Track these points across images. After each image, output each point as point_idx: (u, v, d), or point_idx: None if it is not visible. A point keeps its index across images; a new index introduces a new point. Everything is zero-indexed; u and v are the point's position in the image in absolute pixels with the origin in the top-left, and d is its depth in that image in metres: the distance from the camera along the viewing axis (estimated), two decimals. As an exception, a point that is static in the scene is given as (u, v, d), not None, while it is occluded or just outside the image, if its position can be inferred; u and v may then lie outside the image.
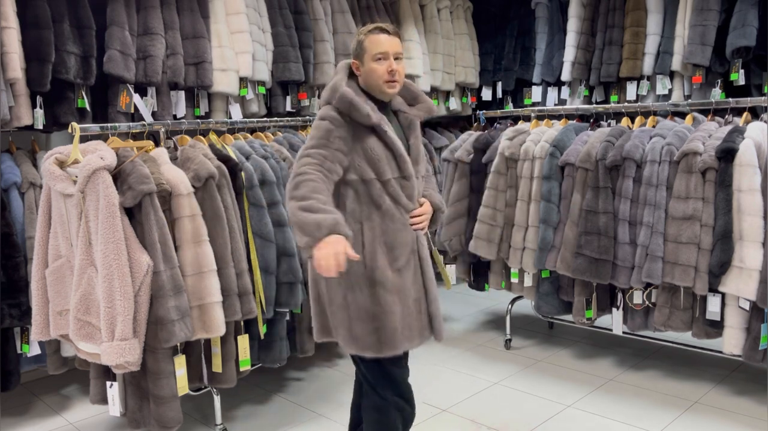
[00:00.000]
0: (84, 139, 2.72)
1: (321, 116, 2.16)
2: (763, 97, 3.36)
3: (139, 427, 2.68)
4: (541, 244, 3.50)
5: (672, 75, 4.39)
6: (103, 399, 2.75)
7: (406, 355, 2.30)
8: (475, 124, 4.51)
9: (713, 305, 3.05)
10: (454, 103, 5.35)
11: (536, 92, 5.15)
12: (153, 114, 3.61)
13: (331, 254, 1.88)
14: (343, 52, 4.45)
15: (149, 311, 2.51)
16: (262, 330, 3.08)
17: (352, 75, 2.27)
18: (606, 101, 4.75)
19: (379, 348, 2.16)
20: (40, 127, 3.26)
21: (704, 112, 3.56)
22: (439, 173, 4.63)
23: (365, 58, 2.19)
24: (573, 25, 4.82)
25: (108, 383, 2.67)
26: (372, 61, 2.18)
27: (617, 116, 3.88)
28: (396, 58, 2.19)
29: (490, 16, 5.51)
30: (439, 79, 5.13)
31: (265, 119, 3.79)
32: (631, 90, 4.54)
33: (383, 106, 2.25)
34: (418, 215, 2.26)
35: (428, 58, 5.05)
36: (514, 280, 3.78)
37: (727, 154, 2.94)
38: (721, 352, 3.15)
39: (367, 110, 2.14)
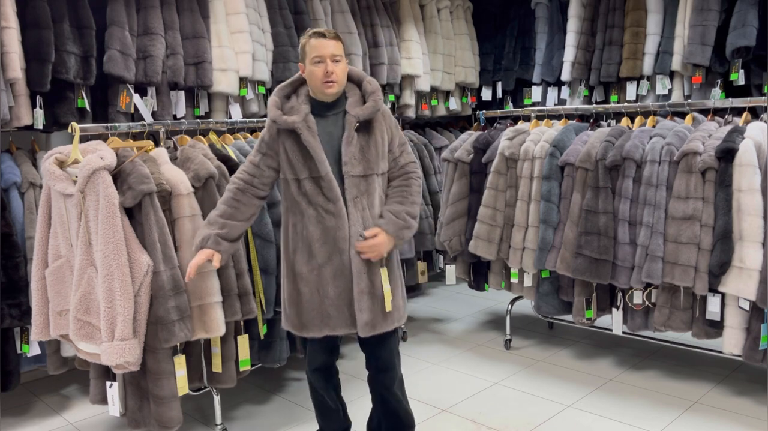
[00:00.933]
0: (84, 139, 2.72)
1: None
2: (763, 98, 3.37)
3: (139, 427, 2.68)
4: (541, 244, 3.50)
5: (672, 75, 4.39)
6: (103, 399, 2.75)
7: (328, 339, 2.51)
8: (475, 124, 4.51)
9: (713, 305, 3.05)
10: (454, 104, 5.35)
11: (536, 92, 5.15)
12: (153, 114, 3.61)
13: (192, 264, 2.38)
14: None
15: (149, 311, 2.51)
16: (262, 330, 3.08)
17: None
18: (606, 101, 4.76)
19: (299, 328, 2.46)
20: (40, 127, 3.26)
21: (704, 112, 3.56)
22: (439, 173, 4.63)
23: (306, 62, 2.37)
24: (573, 25, 4.82)
25: (108, 383, 2.67)
26: (311, 64, 2.34)
27: (617, 116, 3.88)
28: (335, 61, 2.33)
29: (490, 16, 5.51)
30: (439, 79, 5.13)
31: (265, 119, 3.78)
32: (631, 90, 4.54)
33: (330, 106, 2.40)
34: (366, 246, 2.34)
35: (428, 59, 5.06)
36: (514, 280, 3.78)
37: (727, 154, 2.94)
38: (721, 352, 3.15)
39: (277, 114, 2.37)
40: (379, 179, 2.42)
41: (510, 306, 4.11)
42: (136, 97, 3.45)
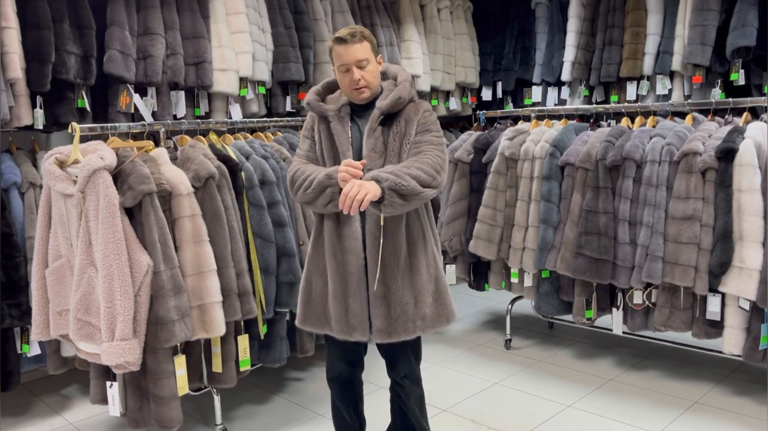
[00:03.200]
0: (84, 139, 2.72)
1: None
2: (763, 97, 3.37)
3: (139, 427, 2.68)
4: (541, 244, 3.50)
5: (672, 75, 4.39)
6: (103, 399, 2.75)
7: (349, 348, 2.39)
8: (475, 124, 4.51)
9: (713, 305, 3.05)
10: (454, 104, 5.35)
11: (536, 92, 5.15)
12: (153, 114, 3.61)
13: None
14: (343, 52, 4.44)
15: (149, 311, 2.51)
16: (262, 330, 3.08)
17: None
18: (606, 101, 4.75)
19: (301, 320, 2.40)
20: (40, 127, 3.26)
21: (704, 112, 3.56)
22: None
23: (335, 68, 2.27)
24: (573, 25, 4.82)
25: (108, 383, 2.67)
26: (339, 72, 2.26)
27: (617, 116, 3.88)
28: (361, 67, 2.21)
29: (490, 16, 5.51)
30: (439, 79, 5.13)
31: (265, 119, 3.79)
32: (631, 90, 4.54)
33: (366, 107, 2.30)
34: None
35: (428, 59, 5.06)
36: (514, 280, 3.78)
37: (727, 154, 2.94)
38: (721, 352, 3.15)
39: (313, 98, 2.32)
40: None
41: (510, 306, 4.11)
42: (136, 97, 3.45)
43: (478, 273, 4.03)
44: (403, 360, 2.39)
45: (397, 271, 2.23)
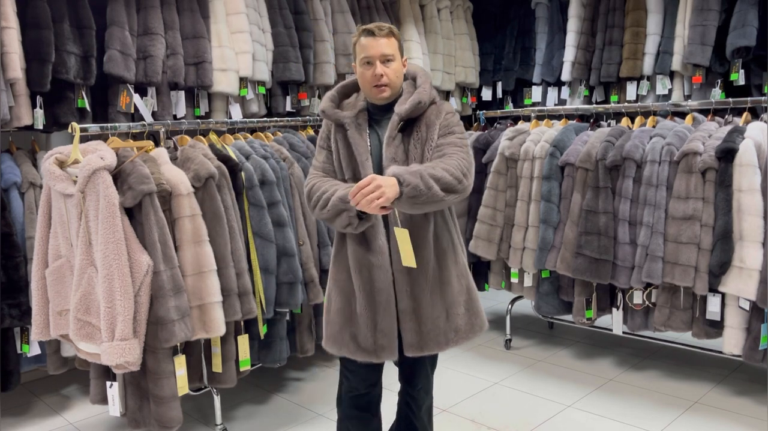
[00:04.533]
0: (84, 139, 2.72)
1: None
2: (763, 97, 3.36)
3: (139, 427, 2.68)
4: (541, 244, 3.50)
5: (672, 75, 4.38)
6: (103, 399, 2.75)
7: (368, 369, 2.25)
8: (475, 124, 4.51)
9: (713, 305, 3.05)
10: (454, 104, 5.35)
11: (536, 92, 5.14)
12: (153, 114, 3.61)
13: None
14: (343, 52, 4.44)
15: (149, 311, 2.51)
16: (262, 330, 3.08)
17: None
18: (606, 101, 4.75)
19: (323, 339, 2.28)
20: (40, 127, 3.26)
21: (704, 112, 3.56)
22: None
23: (357, 62, 2.15)
24: (573, 25, 4.82)
25: (108, 383, 2.67)
26: (361, 66, 2.12)
27: (617, 116, 3.89)
28: (386, 61, 2.09)
29: (490, 16, 5.51)
30: (439, 80, 5.13)
31: (265, 118, 3.79)
32: (631, 90, 4.54)
33: (385, 109, 2.16)
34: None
35: (428, 59, 5.05)
36: (514, 280, 3.78)
37: (727, 154, 2.94)
38: (721, 352, 3.15)
39: (328, 106, 2.18)
40: None
41: (510, 306, 4.11)
42: (136, 97, 3.45)
43: (478, 273, 4.03)
44: (422, 373, 2.32)
45: (425, 284, 2.13)
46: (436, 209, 2.05)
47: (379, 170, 2.09)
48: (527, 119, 4.03)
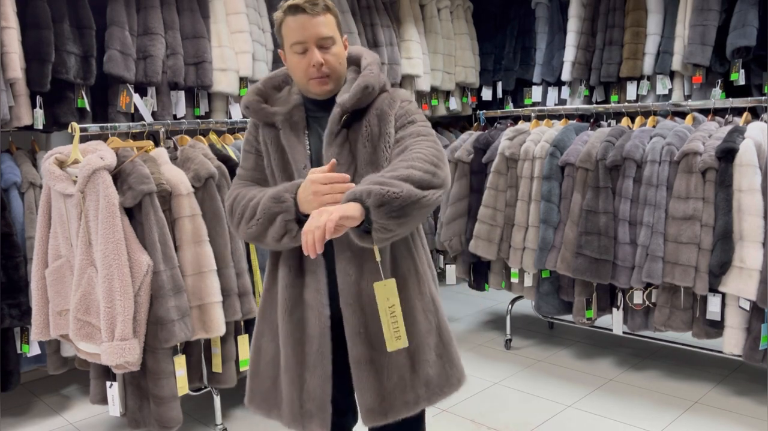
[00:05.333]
0: (84, 139, 2.72)
1: None
2: (763, 97, 3.36)
3: (139, 427, 2.68)
4: (542, 244, 3.50)
5: (672, 75, 4.39)
6: (103, 399, 2.75)
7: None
8: (475, 124, 4.51)
9: (713, 305, 3.05)
10: (454, 103, 5.35)
11: (536, 92, 5.14)
12: (153, 114, 3.61)
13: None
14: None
15: (149, 311, 2.51)
16: (262, 330, 3.08)
17: None
18: (606, 101, 4.75)
19: (248, 398, 1.88)
20: (40, 127, 3.26)
21: (704, 112, 3.56)
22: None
23: (285, 49, 1.68)
24: (573, 25, 4.82)
25: (108, 383, 2.67)
26: (291, 53, 1.67)
27: (617, 115, 3.88)
28: (322, 46, 1.64)
29: (490, 16, 5.51)
30: (439, 79, 5.13)
31: (265, 119, 3.79)
32: (631, 90, 4.54)
33: (325, 104, 1.72)
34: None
35: (428, 58, 5.05)
36: (514, 280, 3.78)
37: (727, 154, 2.94)
38: (721, 352, 3.15)
39: (252, 100, 1.75)
40: None
41: (510, 306, 4.11)
42: (136, 97, 3.45)
43: (478, 273, 4.03)
44: None
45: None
46: (422, 216, 1.55)
47: None
48: (527, 118, 4.03)
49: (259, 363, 1.81)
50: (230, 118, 3.91)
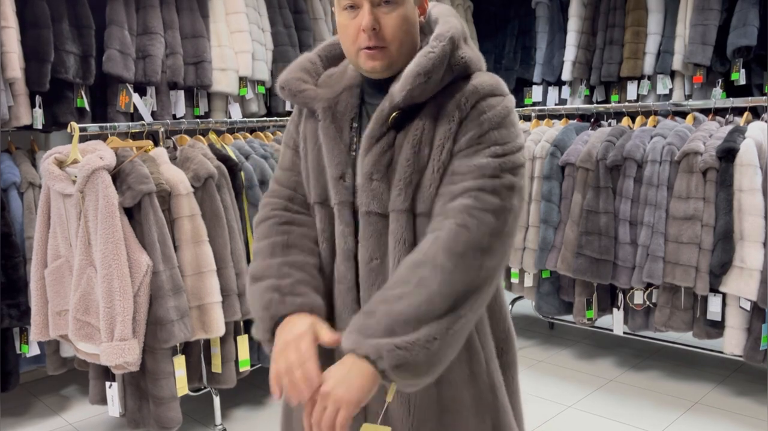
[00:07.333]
0: (83, 138, 2.72)
1: None
2: (764, 97, 3.36)
3: (139, 427, 2.68)
4: (542, 244, 3.49)
5: (673, 74, 4.38)
6: (103, 400, 2.75)
7: None
8: (476, 123, 4.49)
9: (714, 305, 3.05)
10: (455, 103, 5.34)
11: (537, 92, 5.14)
12: (152, 114, 3.60)
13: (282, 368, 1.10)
14: (343, 51, 4.44)
15: (148, 311, 2.51)
16: (262, 330, 3.07)
17: None
18: (607, 101, 4.75)
19: None
20: (40, 127, 3.25)
21: (705, 111, 3.56)
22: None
23: (336, 7, 1.22)
24: (573, 25, 4.82)
25: (107, 383, 2.67)
26: (340, 15, 1.21)
27: (618, 115, 3.88)
28: (380, 3, 1.15)
29: (490, 15, 5.50)
30: (440, 79, 5.12)
31: (264, 118, 3.78)
32: (631, 90, 4.53)
33: (383, 85, 1.23)
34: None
35: (428, 58, 5.05)
36: (515, 280, 3.78)
37: (727, 154, 2.93)
38: (721, 352, 3.14)
39: (292, 78, 1.32)
40: (421, 221, 1.19)
41: (510, 306, 4.10)
42: (136, 97, 3.45)
43: (478, 273, 4.02)
44: None
45: (408, 418, 1.22)
46: (466, 329, 1.11)
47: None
48: (528, 118, 4.02)
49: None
50: (230, 117, 3.90)
